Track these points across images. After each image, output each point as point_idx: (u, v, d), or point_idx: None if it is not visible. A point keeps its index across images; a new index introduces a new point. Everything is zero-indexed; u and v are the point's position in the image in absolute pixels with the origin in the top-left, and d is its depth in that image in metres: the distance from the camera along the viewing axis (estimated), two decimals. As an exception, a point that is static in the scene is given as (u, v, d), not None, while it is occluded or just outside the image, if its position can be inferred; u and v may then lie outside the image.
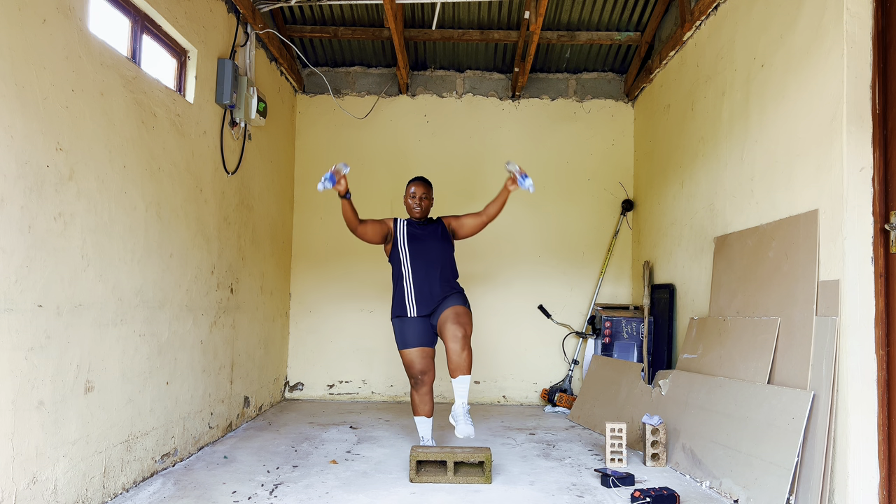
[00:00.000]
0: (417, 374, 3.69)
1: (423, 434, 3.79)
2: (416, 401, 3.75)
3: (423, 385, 3.70)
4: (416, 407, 3.76)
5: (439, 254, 3.74)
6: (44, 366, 2.36)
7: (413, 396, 3.76)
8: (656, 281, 5.06)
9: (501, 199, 3.70)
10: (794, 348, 2.89)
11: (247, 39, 4.42)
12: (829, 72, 2.78)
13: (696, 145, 4.30)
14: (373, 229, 3.73)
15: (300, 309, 5.80)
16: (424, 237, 3.75)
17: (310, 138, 5.88)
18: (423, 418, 3.76)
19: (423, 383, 3.70)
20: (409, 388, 3.86)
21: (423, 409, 3.75)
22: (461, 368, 3.46)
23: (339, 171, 3.41)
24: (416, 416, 3.77)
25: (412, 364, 3.70)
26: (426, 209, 3.80)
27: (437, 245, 3.75)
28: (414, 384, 3.72)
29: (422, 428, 3.79)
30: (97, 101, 2.70)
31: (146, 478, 3.12)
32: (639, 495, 2.85)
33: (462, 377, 3.47)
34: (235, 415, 4.40)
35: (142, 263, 3.07)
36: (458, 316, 3.54)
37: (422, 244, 3.73)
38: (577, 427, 4.69)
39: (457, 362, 3.46)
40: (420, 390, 3.71)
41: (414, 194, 3.78)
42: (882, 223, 2.58)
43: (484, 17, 5.23)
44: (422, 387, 3.71)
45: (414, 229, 3.78)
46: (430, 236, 3.76)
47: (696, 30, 4.35)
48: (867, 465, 2.52)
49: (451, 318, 3.54)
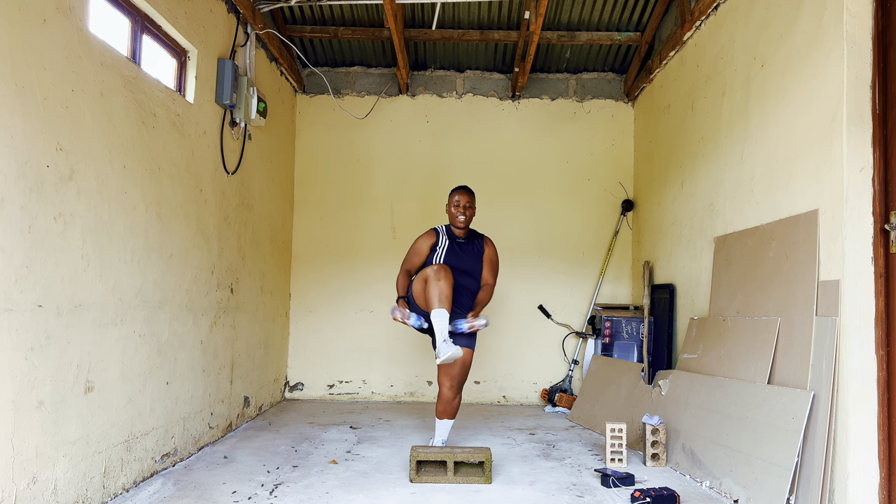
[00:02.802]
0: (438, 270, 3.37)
1: (439, 327, 3.29)
2: (433, 292, 3.30)
3: (446, 279, 3.33)
4: (437, 298, 3.28)
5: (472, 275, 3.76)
6: (44, 366, 2.36)
7: (430, 287, 3.33)
8: (656, 281, 5.06)
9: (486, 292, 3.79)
10: (794, 348, 2.89)
11: (247, 39, 4.42)
12: (829, 72, 2.78)
13: (696, 145, 4.30)
14: (421, 257, 3.78)
15: (300, 309, 5.80)
16: (464, 257, 3.76)
17: (310, 138, 5.89)
18: (443, 311, 3.32)
19: (446, 277, 3.33)
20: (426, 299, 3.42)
21: (444, 301, 3.27)
22: (448, 413, 3.69)
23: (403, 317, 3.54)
24: (437, 307, 3.31)
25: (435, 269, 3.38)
26: (470, 219, 3.76)
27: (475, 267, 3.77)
28: (436, 276, 3.34)
29: (439, 321, 3.30)
30: (97, 102, 2.70)
31: (146, 478, 3.12)
32: (639, 495, 2.85)
33: (448, 421, 3.70)
34: (235, 415, 4.40)
35: (142, 263, 3.07)
36: (464, 364, 3.63)
37: (460, 262, 3.73)
38: (577, 427, 4.69)
39: (446, 406, 3.67)
40: (441, 282, 3.31)
41: (458, 203, 3.73)
42: (882, 223, 2.58)
43: (484, 17, 5.23)
44: (444, 280, 3.32)
45: (455, 246, 3.76)
46: (470, 256, 3.77)
47: (696, 30, 4.35)
48: (867, 465, 2.52)
49: (458, 364, 3.60)
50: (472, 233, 3.90)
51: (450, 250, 3.75)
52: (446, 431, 3.73)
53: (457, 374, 3.61)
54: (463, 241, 3.82)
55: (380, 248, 5.82)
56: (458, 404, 3.69)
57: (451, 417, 3.71)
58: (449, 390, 3.63)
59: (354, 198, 5.88)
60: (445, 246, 3.76)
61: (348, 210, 5.85)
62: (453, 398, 3.65)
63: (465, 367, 3.63)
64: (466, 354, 3.64)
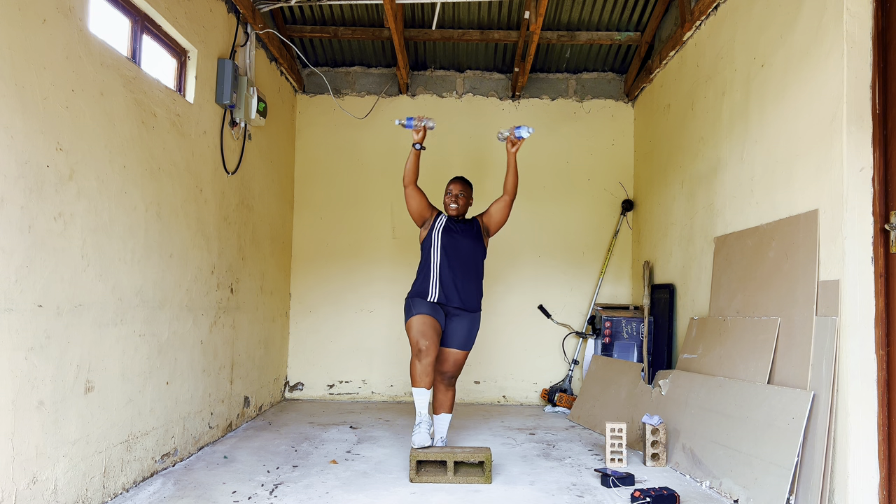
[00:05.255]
0: (421, 339, 3.52)
1: (420, 408, 3.52)
2: (416, 371, 3.51)
3: (427, 356, 3.50)
4: (417, 377, 3.51)
5: (470, 252, 3.76)
6: (44, 366, 2.36)
7: (414, 366, 3.52)
8: (656, 281, 5.06)
9: (511, 166, 3.77)
10: (794, 348, 2.89)
11: (247, 39, 4.42)
12: (829, 72, 2.78)
13: (696, 145, 4.30)
14: (420, 200, 3.79)
15: (300, 309, 5.80)
16: (458, 233, 3.77)
17: (310, 138, 5.89)
18: (423, 390, 3.52)
19: (427, 353, 3.53)
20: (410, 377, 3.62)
21: (424, 380, 3.50)
22: (444, 406, 3.76)
23: (423, 120, 3.63)
24: (416, 387, 3.53)
25: (420, 328, 3.54)
26: (462, 207, 3.81)
27: (470, 244, 3.77)
28: (417, 353, 3.52)
29: (420, 401, 3.53)
30: (97, 101, 2.70)
31: (146, 478, 3.12)
32: (639, 495, 2.85)
33: (445, 415, 3.76)
34: (235, 415, 4.40)
35: (142, 263, 3.07)
36: (456, 362, 3.73)
37: (455, 240, 3.74)
38: (577, 427, 4.69)
39: (441, 400, 3.76)
40: (423, 360, 3.50)
41: (450, 191, 3.83)
42: (882, 223, 2.58)
43: (484, 17, 5.23)
44: (425, 357, 3.50)
45: (450, 224, 3.80)
46: (463, 234, 3.78)
47: (696, 30, 4.35)
48: (867, 465, 2.52)
49: (452, 358, 3.70)
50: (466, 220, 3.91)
51: (447, 229, 3.76)
52: (445, 426, 3.76)
53: (449, 370, 3.72)
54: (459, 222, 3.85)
55: (380, 248, 5.82)
56: (453, 397, 3.79)
57: (449, 411, 3.76)
58: (441, 383, 3.74)
59: (354, 198, 5.88)
60: (443, 225, 3.77)
61: (348, 210, 5.85)
62: (446, 390, 3.76)
63: (456, 364, 3.74)
64: (459, 355, 3.73)
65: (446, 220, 3.81)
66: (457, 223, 3.82)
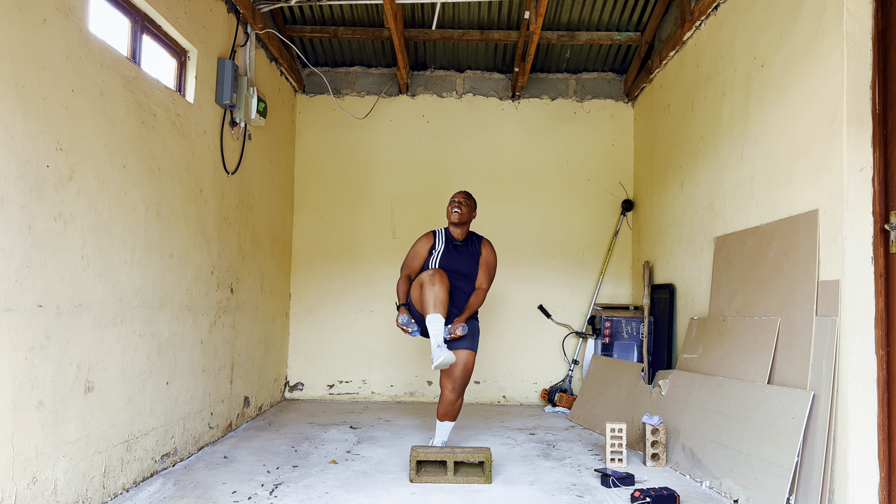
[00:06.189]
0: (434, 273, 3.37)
1: (434, 332, 3.28)
2: (428, 298, 3.26)
3: (441, 282, 3.32)
4: (431, 304, 3.24)
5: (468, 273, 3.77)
6: (44, 366, 2.36)
7: (426, 294, 3.31)
8: (656, 281, 5.06)
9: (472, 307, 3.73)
10: (794, 348, 2.89)
11: (247, 39, 4.42)
12: (829, 72, 2.78)
13: (696, 145, 4.30)
14: (421, 262, 3.79)
15: (300, 309, 5.80)
16: (460, 259, 3.77)
17: (310, 138, 5.89)
18: (439, 316, 3.31)
19: (441, 279, 3.32)
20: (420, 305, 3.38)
21: (438, 307, 3.24)
22: (450, 415, 3.70)
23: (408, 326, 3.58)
24: (431, 313, 3.29)
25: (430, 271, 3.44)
26: (465, 215, 3.77)
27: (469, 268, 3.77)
28: (430, 277, 3.33)
29: (434, 327, 3.29)
30: (97, 101, 2.70)
31: (146, 478, 3.12)
32: (639, 495, 2.85)
33: (449, 423, 3.72)
34: (235, 415, 4.40)
35: (142, 263, 3.07)
36: (466, 366, 3.62)
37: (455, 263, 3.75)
38: (577, 427, 4.69)
39: (447, 408, 3.68)
40: (436, 285, 3.28)
41: (454, 200, 3.81)
42: (882, 223, 2.58)
43: (484, 17, 5.23)
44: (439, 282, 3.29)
45: (451, 249, 3.79)
46: (465, 259, 3.78)
47: (696, 30, 4.35)
48: (867, 465, 2.52)
49: (461, 360, 3.61)
50: (470, 235, 3.90)
51: (446, 253, 3.77)
52: (447, 433, 3.74)
53: (458, 376, 3.61)
54: (460, 244, 3.83)
55: (380, 248, 5.82)
56: (459, 406, 3.70)
57: (453, 419, 3.72)
58: (451, 392, 3.63)
59: (354, 198, 5.87)
60: (441, 249, 3.78)
61: (348, 210, 5.85)
62: (455, 400, 3.66)
63: (466, 368, 3.62)
64: (468, 356, 3.62)
65: (445, 245, 3.80)
66: (459, 247, 3.81)
